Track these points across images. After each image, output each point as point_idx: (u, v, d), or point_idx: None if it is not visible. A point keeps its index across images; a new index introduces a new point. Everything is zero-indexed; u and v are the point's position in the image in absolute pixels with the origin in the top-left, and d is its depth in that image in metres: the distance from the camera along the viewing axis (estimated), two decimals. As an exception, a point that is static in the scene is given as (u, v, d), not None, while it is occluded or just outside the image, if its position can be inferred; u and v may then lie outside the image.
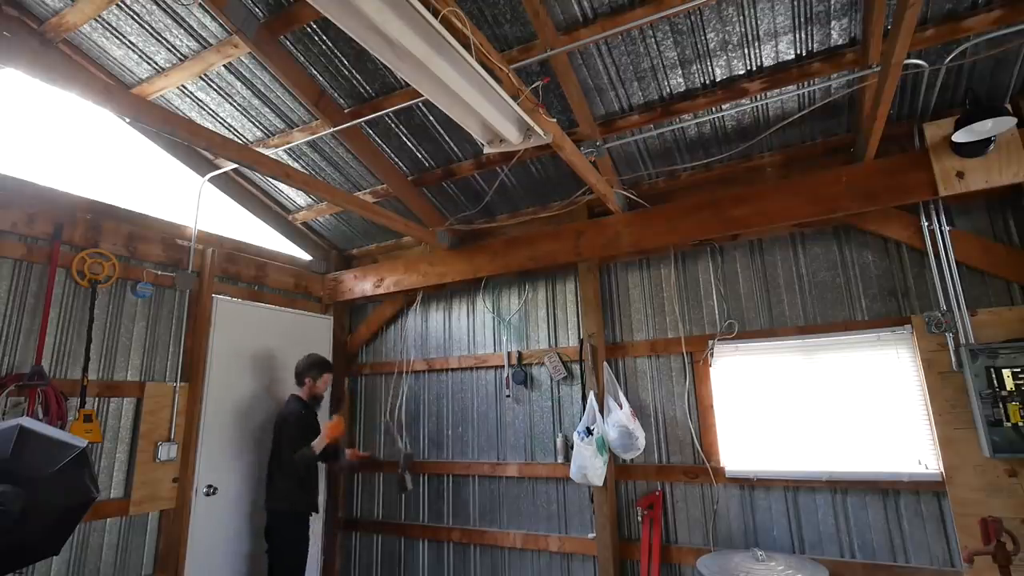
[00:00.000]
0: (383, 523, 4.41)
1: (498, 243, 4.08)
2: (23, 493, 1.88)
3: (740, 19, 2.61)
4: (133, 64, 3.29)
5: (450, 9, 1.83)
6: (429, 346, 4.54)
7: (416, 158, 3.82)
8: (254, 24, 2.90)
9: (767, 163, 3.44)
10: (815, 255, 3.35)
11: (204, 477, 3.63)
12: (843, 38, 2.65)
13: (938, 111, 2.98)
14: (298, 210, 4.56)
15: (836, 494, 3.06)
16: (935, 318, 2.91)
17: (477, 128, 2.50)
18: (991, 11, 2.43)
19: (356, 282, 4.68)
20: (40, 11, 3.01)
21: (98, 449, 3.20)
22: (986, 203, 2.99)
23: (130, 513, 3.27)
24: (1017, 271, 2.84)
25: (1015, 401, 2.61)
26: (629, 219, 3.62)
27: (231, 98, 3.47)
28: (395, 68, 2.03)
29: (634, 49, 2.83)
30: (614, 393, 3.56)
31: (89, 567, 3.09)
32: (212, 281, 3.86)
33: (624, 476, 3.62)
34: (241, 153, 2.92)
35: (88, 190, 3.41)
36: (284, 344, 4.33)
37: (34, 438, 1.99)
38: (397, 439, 4.36)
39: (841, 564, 2.95)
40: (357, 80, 3.24)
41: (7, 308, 2.93)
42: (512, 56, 2.84)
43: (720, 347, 3.46)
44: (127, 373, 3.41)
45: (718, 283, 3.57)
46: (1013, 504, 2.63)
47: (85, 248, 3.25)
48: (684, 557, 3.32)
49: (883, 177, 2.96)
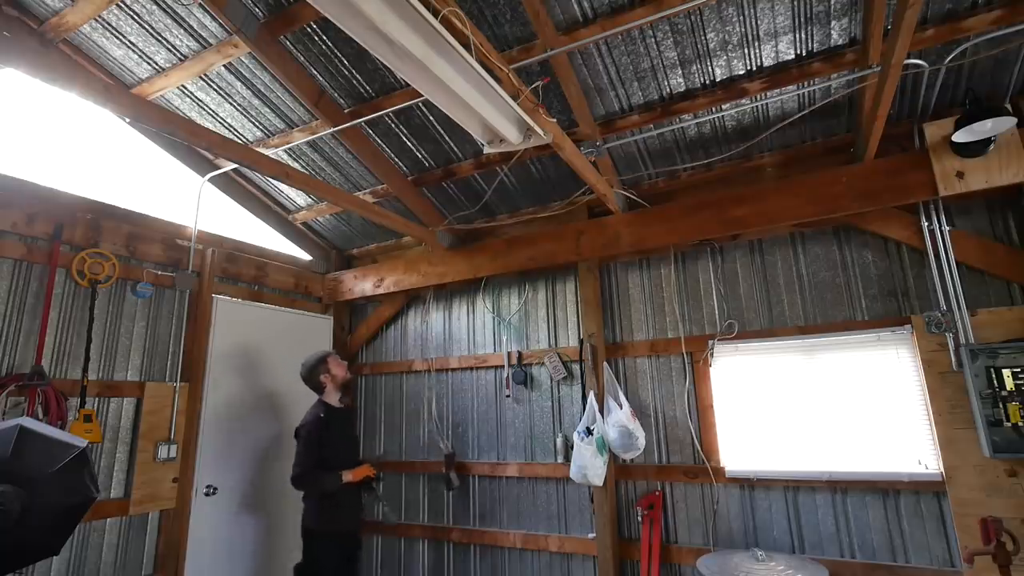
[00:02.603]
0: (383, 523, 4.41)
1: (498, 243, 4.08)
2: (23, 493, 1.88)
3: (740, 19, 2.61)
4: (133, 64, 3.29)
5: (450, 9, 1.83)
6: (429, 346, 4.54)
7: (416, 158, 3.81)
8: (254, 24, 2.90)
9: (767, 163, 3.44)
10: (815, 255, 3.35)
11: (204, 477, 3.63)
12: (843, 38, 2.65)
13: (938, 111, 2.98)
14: (298, 210, 4.56)
15: (836, 494, 3.06)
16: (935, 318, 2.91)
17: (477, 128, 2.50)
18: (991, 11, 2.43)
19: (356, 282, 4.68)
20: (40, 11, 3.01)
21: (98, 449, 3.20)
22: (986, 203, 2.98)
23: (130, 513, 3.27)
24: (1017, 271, 2.84)
25: (1015, 401, 2.61)
26: (629, 219, 3.62)
27: (231, 98, 3.47)
28: (395, 68, 2.03)
29: (634, 49, 2.83)
30: (614, 393, 3.56)
31: (89, 567, 3.09)
32: (212, 281, 3.85)
33: (624, 476, 3.62)
34: (241, 153, 2.92)
35: (88, 190, 3.41)
36: (284, 344, 4.33)
37: (34, 438, 1.99)
38: (439, 440, 4.30)
39: (841, 564, 2.95)
40: (357, 80, 3.24)
41: (7, 308, 2.93)
42: (512, 56, 2.84)
43: (720, 347, 3.45)
44: (127, 373, 3.41)
45: (718, 283, 3.57)
46: (1013, 504, 2.63)
47: (85, 248, 3.25)
48: (684, 557, 3.32)
49: (883, 177, 2.96)
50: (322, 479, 3.20)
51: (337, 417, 3.38)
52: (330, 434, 3.27)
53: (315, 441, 3.19)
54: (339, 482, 3.20)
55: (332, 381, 3.44)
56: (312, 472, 3.17)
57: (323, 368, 3.45)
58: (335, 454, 3.26)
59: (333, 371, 3.45)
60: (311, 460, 3.16)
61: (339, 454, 3.29)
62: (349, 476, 3.24)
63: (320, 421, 3.27)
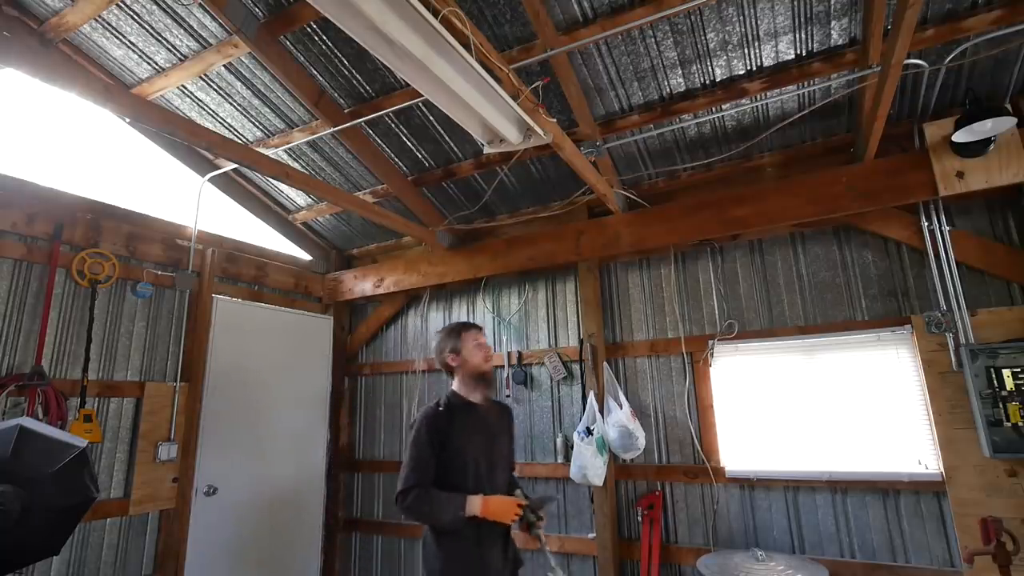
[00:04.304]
0: (383, 523, 4.41)
1: (498, 243, 4.08)
2: (23, 493, 1.88)
3: (740, 19, 2.61)
4: (133, 64, 3.29)
5: (450, 9, 1.83)
6: (429, 346, 4.54)
7: (416, 158, 3.81)
8: (254, 24, 2.90)
9: (767, 163, 3.44)
10: (815, 255, 3.35)
11: (204, 477, 3.63)
12: (843, 38, 2.65)
13: (938, 111, 2.98)
14: (298, 210, 4.56)
15: (836, 494, 3.06)
16: (935, 318, 2.91)
17: (477, 128, 2.50)
18: (991, 11, 2.42)
19: (356, 282, 4.68)
20: (40, 11, 3.01)
21: (98, 449, 3.20)
22: (986, 203, 2.98)
23: (130, 513, 3.27)
24: (1017, 271, 2.84)
25: (1015, 401, 2.61)
26: (629, 219, 3.62)
27: (231, 98, 3.47)
28: (395, 68, 2.03)
29: (634, 49, 2.83)
30: (614, 393, 3.56)
31: (89, 567, 3.09)
32: (212, 281, 3.85)
33: (624, 476, 3.62)
34: (241, 153, 2.92)
35: (88, 190, 3.41)
36: (284, 344, 4.33)
37: (34, 438, 1.99)
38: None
39: (841, 564, 2.95)
40: (357, 80, 3.24)
41: (7, 308, 2.93)
42: (512, 56, 2.84)
43: (720, 347, 3.45)
44: (127, 373, 3.41)
45: (718, 283, 3.57)
46: (1013, 504, 2.63)
47: (85, 248, 3.25)
48: (684, 557, 3.32)
49: (883, 177, 2.96)
50: (435, 503, 2.06)
51: (472, 415, 2.28)
52: (455, 437, 2.17)
53: (426, 443, 2.12)
54: (460, 512, 2.06)
55: (463, 367, 2.32)
56: (421, 490, 2.06)
57: (453, 344, 2.34)
58: (461, 467, 2.16)
59: (466, 353, 2.32)
60: (421, 472, 2.09)
61: (467, 468, 2.17)
62: (478, 506, 2.08)
63: (438, 416, 2.18)
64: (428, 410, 2.21)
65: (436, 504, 2.06)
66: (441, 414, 2.20)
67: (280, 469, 4.13)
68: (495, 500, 2.12)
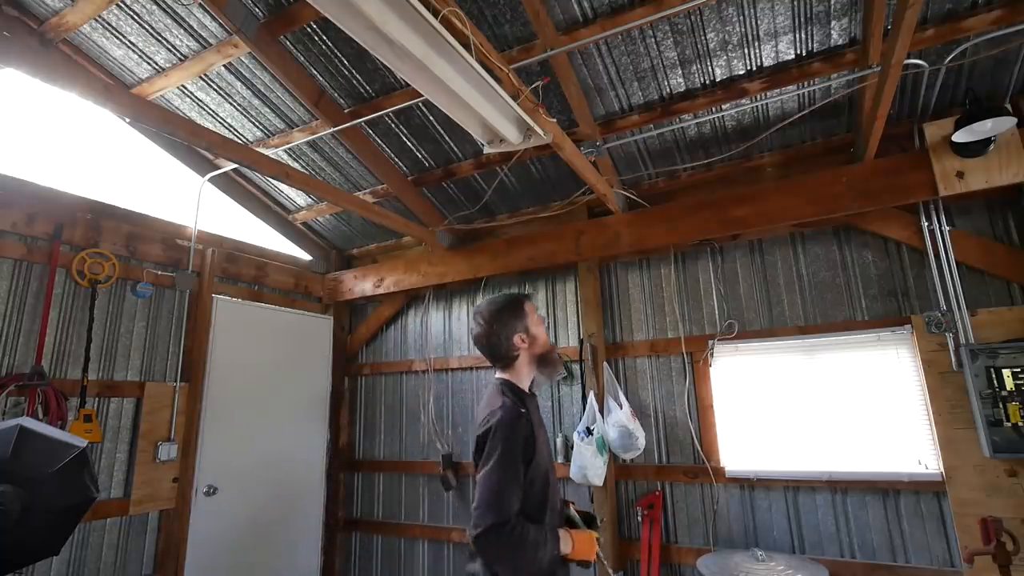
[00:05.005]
0: (383, 523, 4.41)
1: (498, 243, 4.08)
2: (23, 493, 1.88)
3: (740, 19, 2.61)
4: (133, 64, 3.29)
5: (450, 9, 1.83)
6: (429, 346, 4.54)
7: (416, 158, 3.81)
8: (254, 24, 2.90)
9: (767, 163, 3.44)
10: (815, 255, 3.35)
11: (204, 477, 3.63)
12: (843, 38, 2.65)
13: (938, 111, 2.98)
14: (298, 210, 4.56)
15: (836, 494, 3.06)
16: (935, 318, 2.91)
17: (477, 128, 2.50)
18: (991, 11, 2.42)
19: (356, 282, 4.68)
20: (40, 11, 3.01)
21: (98, 449, 3.20)
22: (986, 203, 2.98)
23: (130, 513, 3.27)
24: (1017, 271, 2.84)
25: (1015, 401, 2.61)
26: (629, 219, 3.62)
27: (231, 98, 3.47)
28: (395, 68, 2.03)
29: (634, 49, 2.83)
30: (614, 393, 3.56)
31: (89, 567, 3.09)
32: (212, 281, 3.85)
33: (624, 476, 3.62)
34: (241, 153, 2.93)
35: (88, 190, 3.42)
36: (284, 344, 4.33)
37: (34, 438, 1.99)
38: (436, 440, 4.29)
39: (841, 564, 2.95)
40: (357, 80, 3.24)
41: (7, 308, 2.93)
42: (512, 56, 2.84)
43: (720, 347, 3.45)
44: (127, 373, 3.41)
45: (718, 283, 3.57)
46: (1013, 504, 2.63)
47: (85, 248, 3.25)
48: (684, 557, 3.32)
49: (883, 177, 2.96)
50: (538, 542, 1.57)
51: (536, 411, 1.88)
52: (539, 445, 1.72)
53: (519, 458, 1.62)
54: (556, 554, 1.65)
55: (531, 348, 1.87)
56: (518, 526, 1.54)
57: (519, 322, 1.86)
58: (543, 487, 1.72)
59: (533, 330, 1.89)
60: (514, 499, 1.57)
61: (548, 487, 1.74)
62: (569, 546, 1.71)
63: (523, 421, 1.68)
64: (511, 412, 1.66)
65: (537, 544, 1.56)
66: (524, 417, 1.69)
67: (280, 469, 4.13)
68: (580, 538, 1.74)
